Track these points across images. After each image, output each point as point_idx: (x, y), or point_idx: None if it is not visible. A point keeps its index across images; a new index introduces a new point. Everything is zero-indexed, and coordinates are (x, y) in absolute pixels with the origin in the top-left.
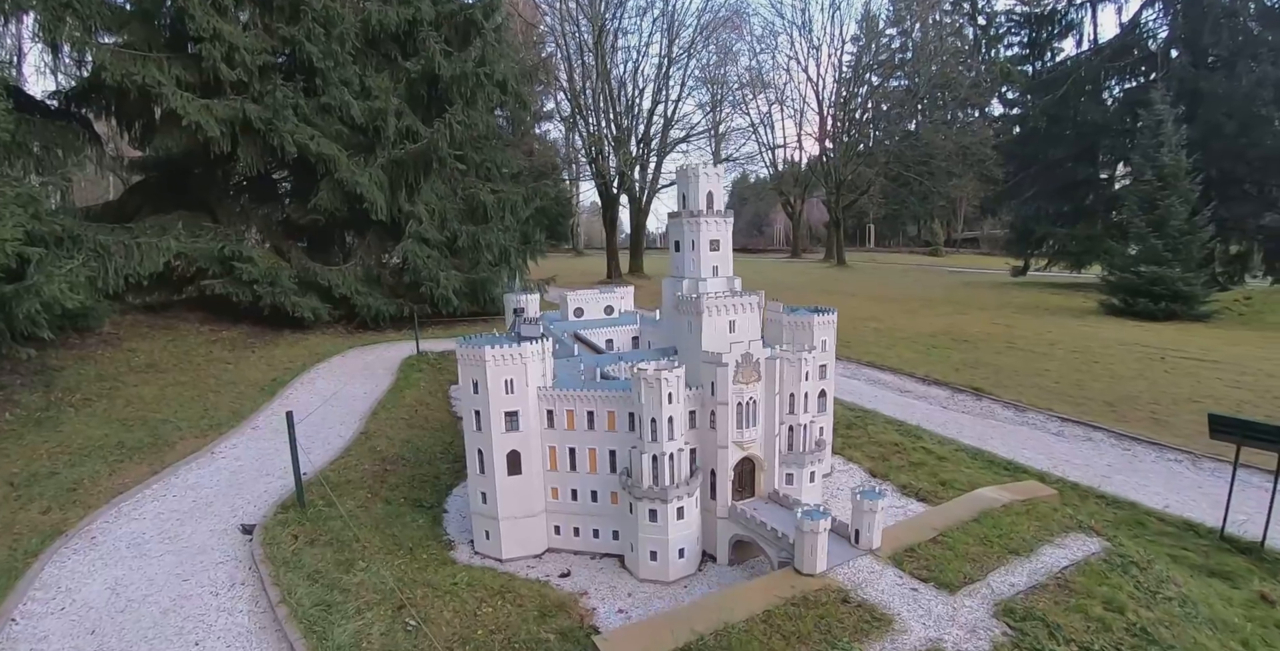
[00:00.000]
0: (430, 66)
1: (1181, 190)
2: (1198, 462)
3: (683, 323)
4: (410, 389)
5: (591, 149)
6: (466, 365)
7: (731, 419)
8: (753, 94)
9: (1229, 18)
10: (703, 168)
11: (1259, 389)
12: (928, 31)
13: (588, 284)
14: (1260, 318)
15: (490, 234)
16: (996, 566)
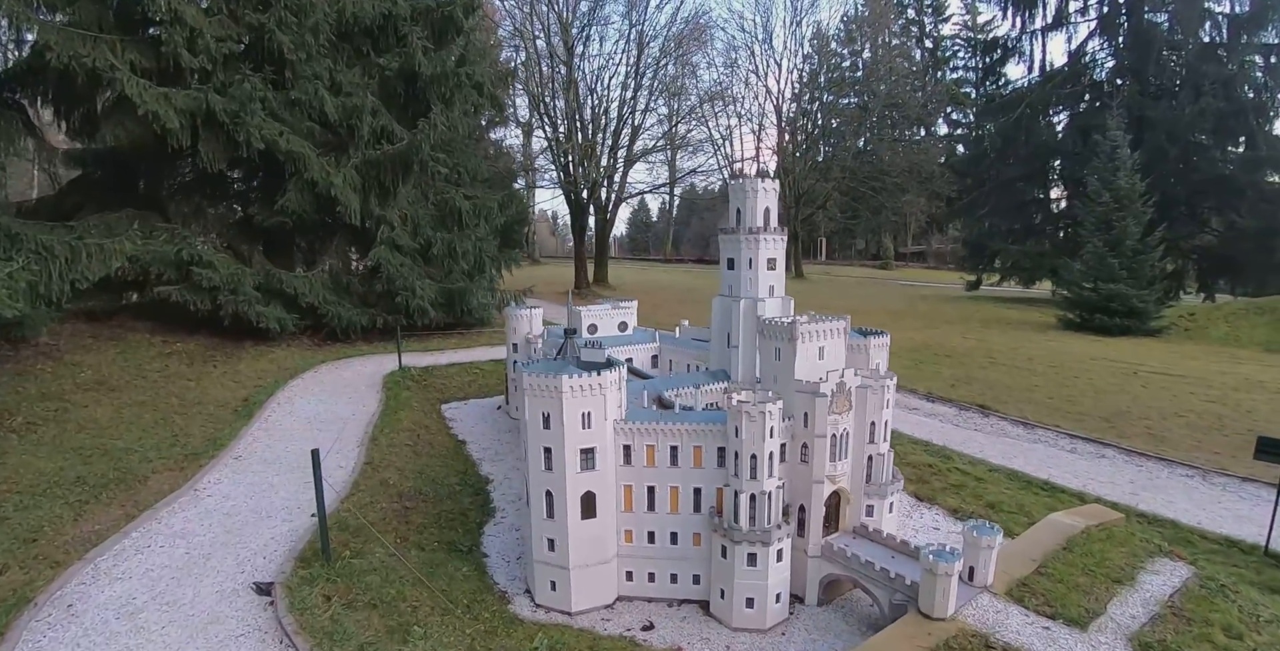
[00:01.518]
0: (410, 64)
1: (1135, 212)
2: (1208, 478)
3: (768, 350)
4: (404, 410)
5: (560, 157)
6: (536, 397)
7: (825, 452)
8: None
9: (1172, 50)
10: (761, 182)
11: (1231, 403)
12: (877, 52)
13: (556, 294)
14: (1204, 332)
15: (466, 241)
16: (1109, 597)
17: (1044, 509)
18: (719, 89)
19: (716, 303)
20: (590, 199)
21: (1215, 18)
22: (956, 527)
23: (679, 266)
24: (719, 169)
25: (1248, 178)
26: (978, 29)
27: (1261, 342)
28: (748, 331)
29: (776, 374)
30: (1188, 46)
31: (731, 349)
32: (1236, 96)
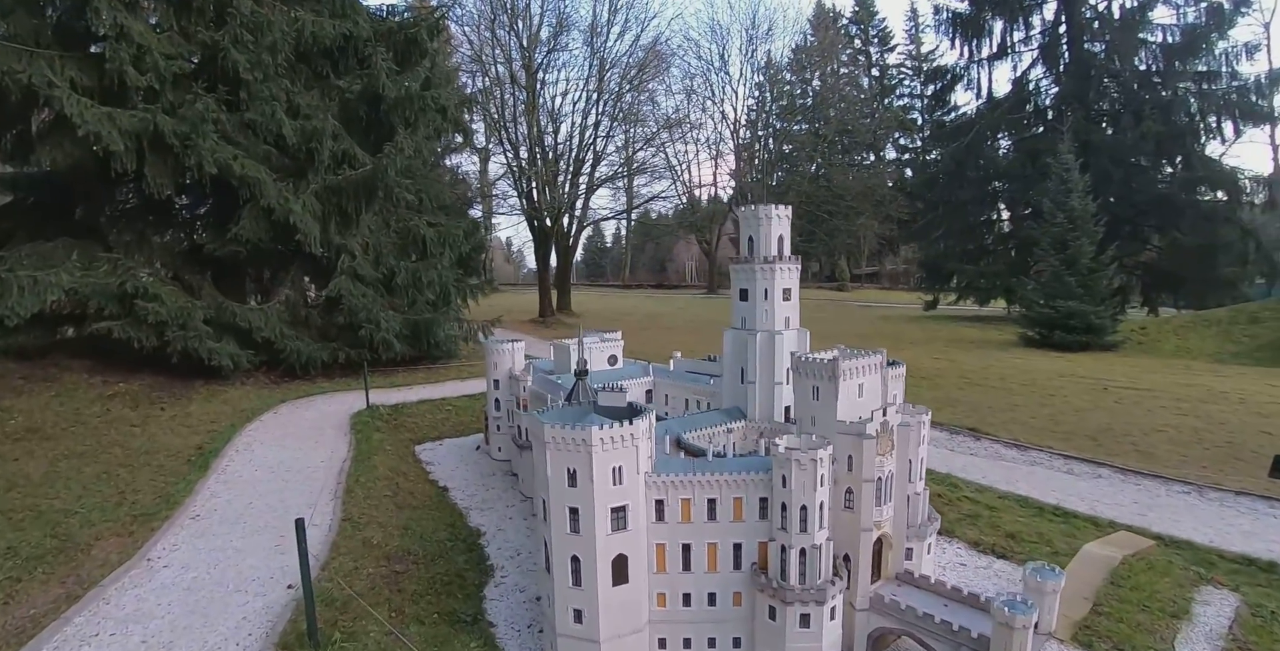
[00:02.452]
0: (373, 86)
1: (1088, 231)
2: (1203, 493)
3: (804, 388)
4: (378, 454)
5: (523, 184)
6: (561, 451)
7: (873, 497)
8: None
9: (1111, 78)
10: (774, 209)
11: (1202, 416)
12: (827, 80)
13: (520, 323)
14: (1156, 346)
15: (431, 271)
16: (1172, 635)
17: (1062, 536)
18: (679, 116)
19: (729, 336)
20: (554, 226)
21: (1150, 47)
22: (982, 562)
23: (638, 292)
24: (677, 195)
25: (1186, 197)
26: (922, 58)
27: (1210, 354)
28: (765, 366)
29: (815, 414)
30: (1125, 74)
31: (748, 385)
32: (1174, 121)
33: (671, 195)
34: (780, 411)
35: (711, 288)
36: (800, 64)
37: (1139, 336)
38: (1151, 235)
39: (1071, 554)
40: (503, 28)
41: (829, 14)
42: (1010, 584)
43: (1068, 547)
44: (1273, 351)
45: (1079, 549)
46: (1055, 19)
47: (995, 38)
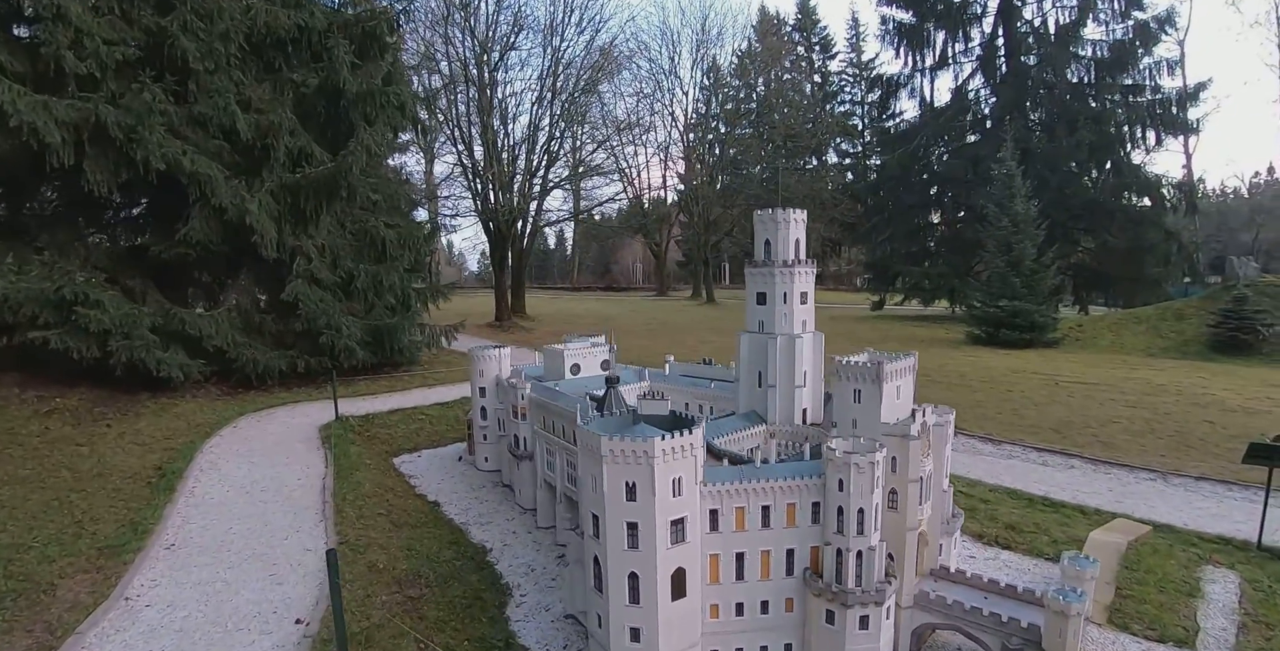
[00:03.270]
0: (333, 80)
1: (1030, 234)
2: (1168, 479)
3: (844, 392)
4: (359, 469)
5: (478, 185)
6: (618, 464)
7: (918, 497)
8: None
9: (1047, 90)
10: (792, 213)
11: (1148, 407)
12: (770, 85)
13: (477, 327)
14: (1093, 342)
15: (392, 274)
16: (1192, 612)
17: (1057, 525)
18: (632, 119)
19: (745, 339)
20: (510, 229)
21: (1082, 61)
22: (989, 554)
23: (588, 294)
24: (628, 199)
25: (1115, 202)
26: (863, 66)
27: (1142, 349)
28: (784, 370)
29: (857, 417)
30: (1059, 86)
31: (767, 389)
32: (1104, 131)
33: (622, 197)
34: (799, 415)
35: (662, 289)
36: (745, 69)
37: (1077, 333)
38: (1083, 238)
39: (1068, 542)
40: (455, 26)
41: (773, 20)
42: (1020, 573)
43: (1064, 536)
44: (1197, 345)
45: (1075, 537)
46: (993, 32)
47: (937, 48)
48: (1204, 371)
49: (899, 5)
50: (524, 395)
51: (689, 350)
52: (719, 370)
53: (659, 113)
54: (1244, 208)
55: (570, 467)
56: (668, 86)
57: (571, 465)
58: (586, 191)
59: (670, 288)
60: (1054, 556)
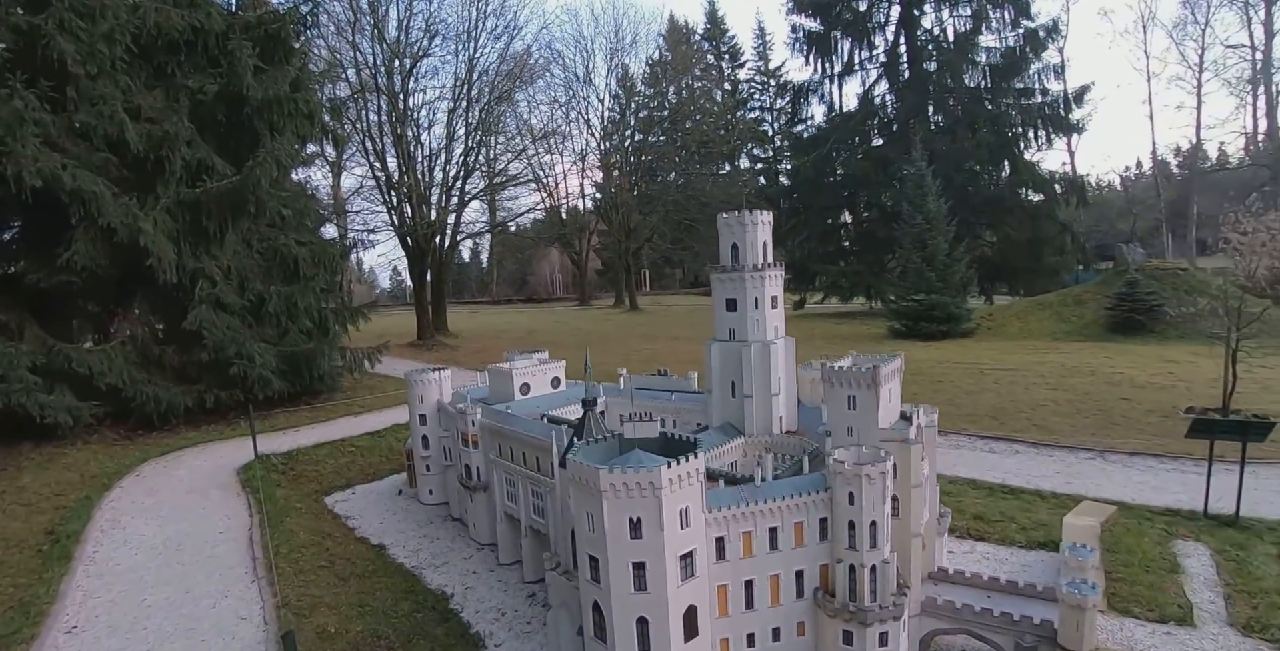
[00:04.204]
0: (235, 86)
1: (942, 231)
2: (1106, 457)
3: (837, 398)
4: (290, 515)
5: (393, 200)
6: (621, 499)
7: (922, 502)
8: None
9: (948, 94)
10: (759, 216)
11: (1068, 388)
12: (681, 93)
13: (398, 347)
14: (1003, 329)
15: (307, 295)
16: (1180, 589)
17: (1021, 512)
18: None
19: (716, 348)
20: (429, 244)
21: (979, 67)
22: (965, 547)
23: (507, 307)
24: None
25: (1013, 198)
26: (770, 74)
27: (1048, 333)
28: (760, 378)
29: (852, 424)
30: (959, 91)
31: (744, 398)
32: (1001, 131)
33: (540, 207)
34: (777, 424)
35: (583, 299)
36: (656, 77)
37: (988, 322)
38: (985, 232)
39: (1035, 528)
40: (364, 33)
41: (682, 30)
42: (1000, 564)
43: (1030, 522)
44: (1097, 327)
45: (1040, 522)
46: (895, 40)
47: (844, 56)
48: (1107, 351)
49: (808, 14)
50: (475, 421)
51: (623, 360)
52: (677, 381)
53: (575, 121)
54: (1120, 199)
55: (536, 497)
56: (583, 94)
57: (537, 495)
58: (504, 202)
59: (592, 297)
60: (1026, 544)
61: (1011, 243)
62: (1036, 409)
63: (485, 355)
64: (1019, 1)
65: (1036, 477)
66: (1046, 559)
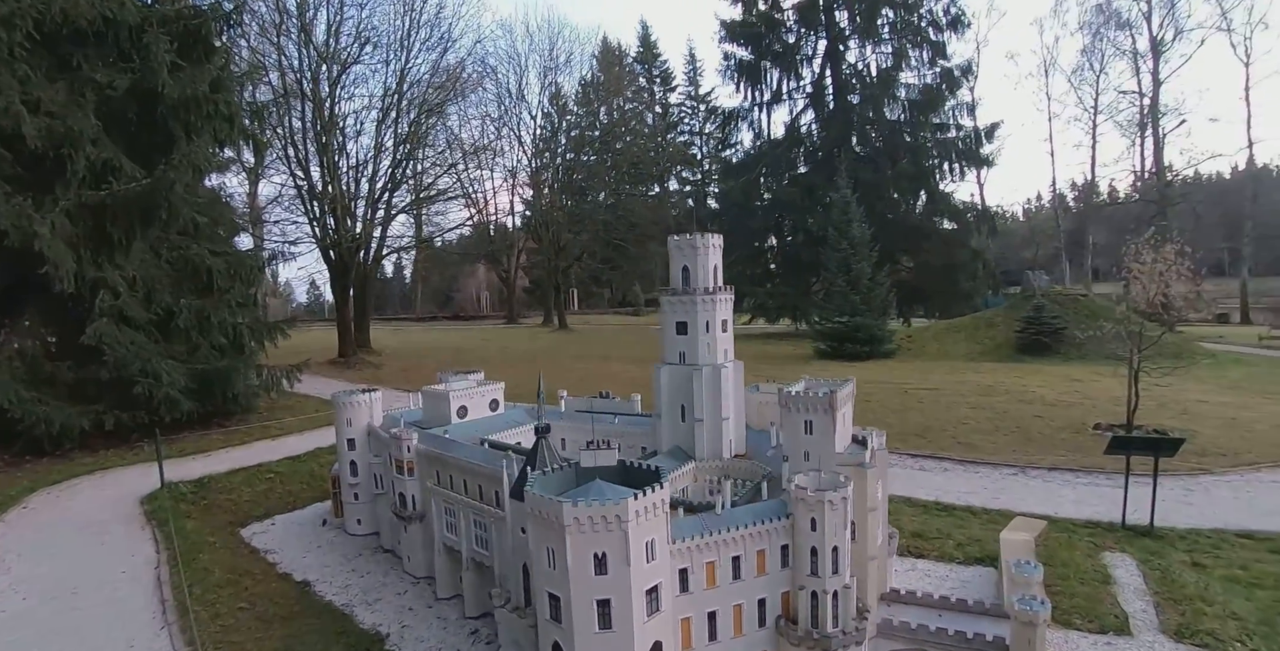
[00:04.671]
0: (149, 83)
1: (866, 255)
2: (1028, 473)
3: (794, 423)
4: (204, 551)
5: (316, 211)
6: (585, 534)
7: (879, 525)
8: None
9: (870, 126)
10: (710, 238)
11: (987, 407)
12: (613, 114)
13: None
14: (923, 350)
15: (221, 309)
16: (1114, 599)
17: (956, 528)
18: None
19: (665, 372)
20: (354, 257)
21: (900, 101)
22: (906, 565)
23: (433, 324)
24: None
25: (930, 225)
26: (700, 99)
27: (964, 354)
28: (711, 403)
29: (809, 449)
30: (880, 123)
31: (695, 423)
32: (920, 163)
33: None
34: (727, 448)
35: (511, 317)
36: (589, 97)
37: (908, 343)
38: (904, 257)
39: (971, 543)
40: (289, 36)
41: (615, 51)
42: (942, 581)
43: (965, 538)
44: (1008, 348)
45: (974, 537)
46: (821, 72)
47: (773, 85)
48: (1018, 371)
49: (740, 43)
50: (411, 447)
51: (558, 380)
52: (620, 403)
53: (506, 137)
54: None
55: (479, 528)
56: (515, 111)
57: (481, 526)
58: (431, 217)
59: (520, 315)
60: (964, 560)
61: (929, 268)
62: (959, 427)
63: (412, 374)
64: (936, 43)
65: (966, 494)
66: (984, 574)
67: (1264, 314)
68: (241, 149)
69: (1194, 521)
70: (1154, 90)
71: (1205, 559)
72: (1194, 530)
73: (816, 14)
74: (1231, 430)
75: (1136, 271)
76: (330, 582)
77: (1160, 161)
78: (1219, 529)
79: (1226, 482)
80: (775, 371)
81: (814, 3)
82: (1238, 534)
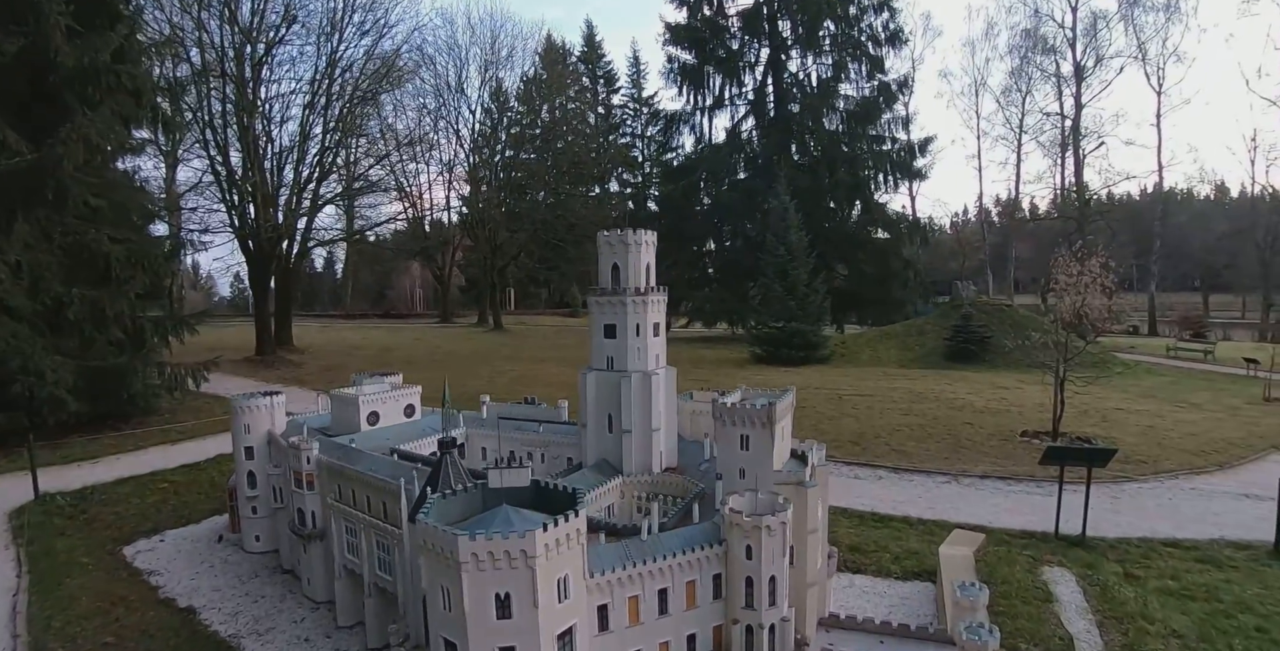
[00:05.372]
0: (41, 48)
1: (804, 262)
2: (960, 481)
3: (729, 438)
4: (73, 574)
5: (234, 198)
6: (485, 572)
7: (819, 549)
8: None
9: (809, 135)
10: (643, 235)
11: (919, 414)
12: (554, 113)
13: (233, 363)
14: (856, 356)
15: (119, 301)
16: (1056, 619)
17: (893, 541)
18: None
19: (591, 379)
20: (275, 249)
21: (839, 112)
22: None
23: (363, 322)
24: (408, 218)
25: (865, 235)
26: (643, 101)
27: (896, 361)
28: (640, 412)
29: (745, 466)
30: (819, 132)
31: (623, 434)
32: (856, 173)
33: (402, 217)
34: (658, 461)
35: (445, 316)
36: (530, 95)
37: (842, 349)
38: (839, 265)
39: (909, 556)
40: (211, 10)
41: (559, 50)
42: (881, 597)
43: (902, 550)
44: (937, 356)
45: (911, 550)
46: (763, 80)
47: (715, 89)
48: (948, 378)
49: (684, 47)
50: (310, 458)
51: (487, 383)
52: (546, 410)
53: (444, 130)
54: (950, 241)
55: (381, 551)
56: (454, 104)
57: (383, 547)
58: (363, 210)
59: (454, 314)
60: (901, 575)
61: (863, 276)
62: (893, 434)
63: (334, 374)
64: (874, 57)
65: (902, 503)
66: (923, 590)
67: (1169, 326)
68: (156, 130)
69: (1122, 530)
70: (1076, 113)
71: (1137, 569)
72: (1123, 539)
73: (760, 22)
74: (1149, 437)
75: (1064, 283)
76: (219, 609)
77: (1080, 180)
78: (1146, 538)
79: (1150, 490)
80: (710, 376)
81: (758, 11)
82: (1164, 542)
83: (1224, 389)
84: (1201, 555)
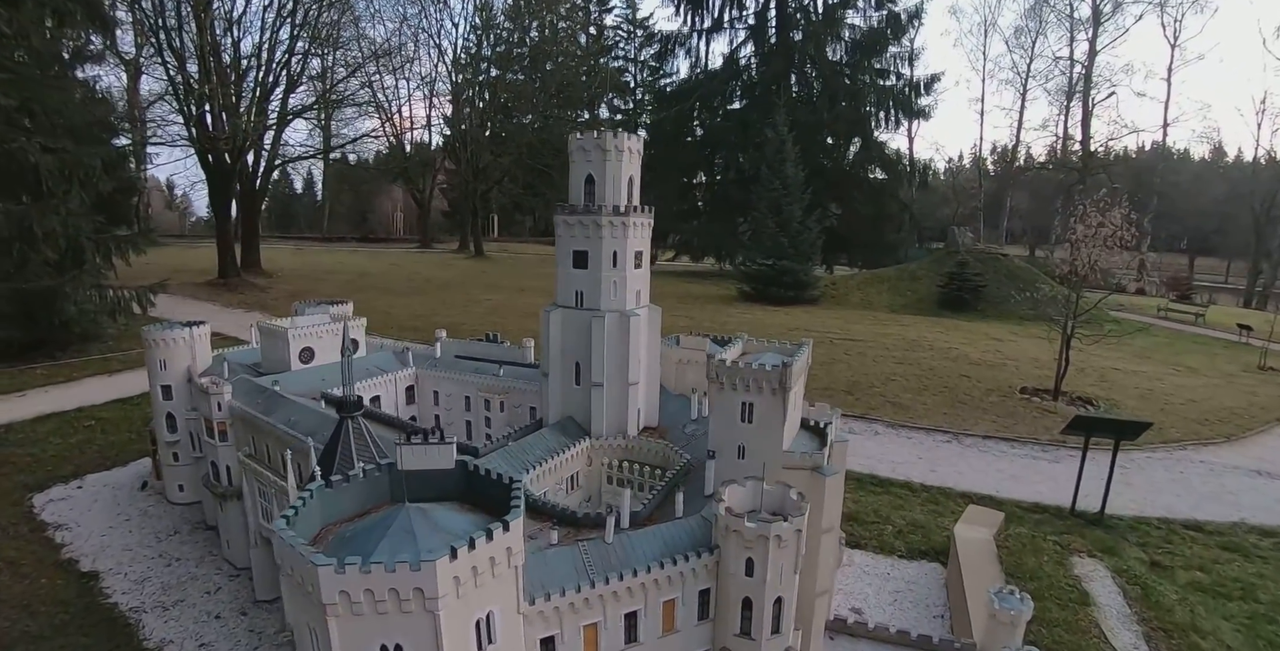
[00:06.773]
0: None
1: (799, 197)
2: (961, 440)
3: (727, 406)
4: None
5: (190, 106)
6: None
7: (832, 551)
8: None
9: (811, 64)
10: (626, 139)
11: (914, 362)
12: (544, 32)
13: (194, 286)
14: (845, 299)
15: (50, 217)
16: (1095, 627)
17: (893, 510)
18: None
19: (555, 318)
20: (235, 163)
21: (843, 42)
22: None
23: (340, 246)
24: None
25: (862, 174)
26: (637, 23)
27: (887, 305)
28: (615, 361)
29: (746, 442)
30: (820, 62)
31: (593, 388)
32: (858, 108)
33: (380, 135)
34: (634, 421)
35: (425, 241)
36: (519, 10)
37: (831, 291)
38: (833, 204)
39: (913, 529)
40: None
41: None
42: (885, 580)
43: (906, 523)
44: (930, 303)
45: (915, 522)
46: (765, 3)
47: (714, 12)
48: (940, 326)
49: None
50: (222, 403)
51: (460, 312)
52: (509, 350)
53: (424, 43)
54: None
55: None
56: (435, 15)
57: None
58: (339, 127)
59: (435, 239)
60: (906, 553)
61: (857, 216)
62: (888, 383)
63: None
64: None
65: (901, 464)
66: (931, 572)
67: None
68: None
69: (1139, 507)
70: (1090, 59)
71: (1161, 555)
72: (1142, 520)
73: None
74: (1150, 402)
75: (1081, 234)
76: (125, 574)
77: (1086, 130)
78: (1165, 518)
79: (1159, 461)
80: (696, 313)
81: None
82: (1185, 524)
83: (1218, 353)
84: (1226, 541)
